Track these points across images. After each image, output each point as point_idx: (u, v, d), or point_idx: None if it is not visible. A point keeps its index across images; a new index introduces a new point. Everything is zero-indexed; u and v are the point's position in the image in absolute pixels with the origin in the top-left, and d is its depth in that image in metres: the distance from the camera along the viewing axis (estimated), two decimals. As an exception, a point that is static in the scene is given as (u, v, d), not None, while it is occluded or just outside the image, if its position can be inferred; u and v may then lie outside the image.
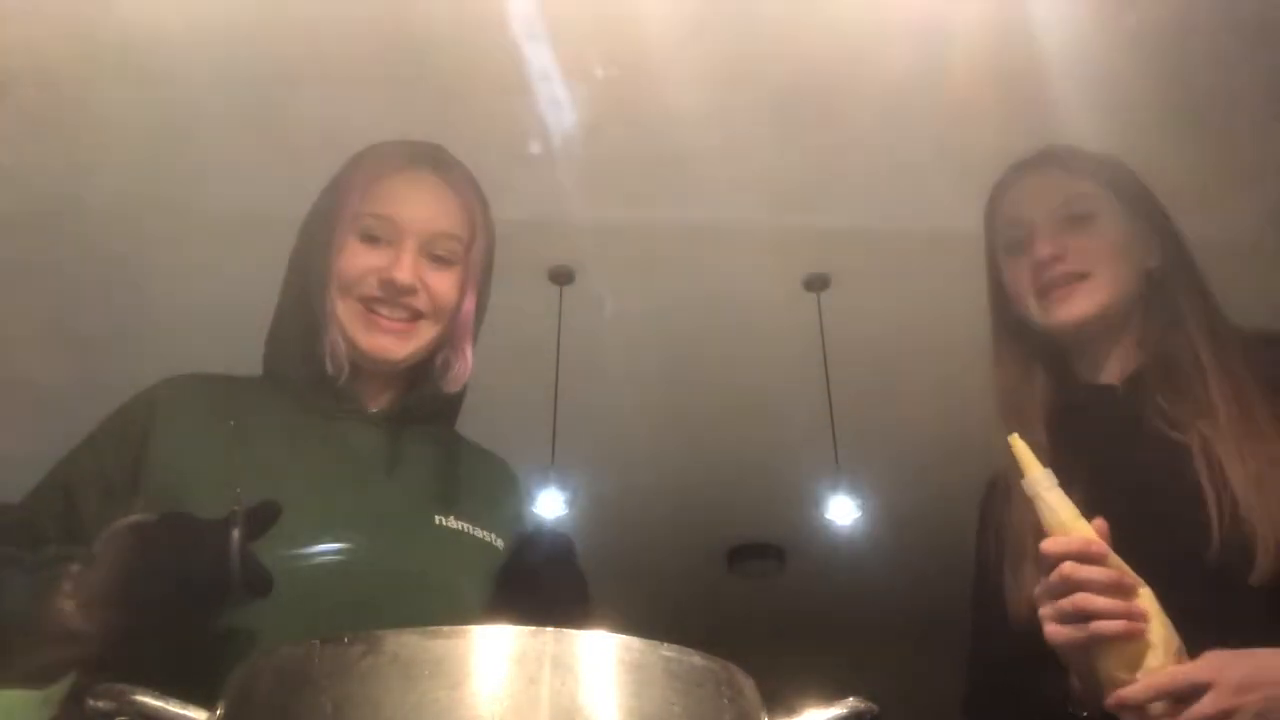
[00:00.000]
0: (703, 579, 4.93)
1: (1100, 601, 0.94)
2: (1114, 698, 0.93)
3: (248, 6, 2.38)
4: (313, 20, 2.49)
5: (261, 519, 0.93)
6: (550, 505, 3.70)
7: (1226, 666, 0.91)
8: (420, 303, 1.16)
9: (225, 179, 2.86)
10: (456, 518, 1.16)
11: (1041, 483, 1.00)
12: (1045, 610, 0.99)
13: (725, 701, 0.57)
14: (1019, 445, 1.01)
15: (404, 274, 1.15)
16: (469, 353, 1.22)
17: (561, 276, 3.39)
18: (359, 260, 1.16)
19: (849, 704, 0.66)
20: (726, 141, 2.83)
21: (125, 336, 3.26)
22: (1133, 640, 0.94)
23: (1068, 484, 1.04)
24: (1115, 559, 0.96)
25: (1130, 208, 1.25)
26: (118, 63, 2.49)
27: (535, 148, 2.80)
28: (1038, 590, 1.00)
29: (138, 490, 1.06)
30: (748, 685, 0.60)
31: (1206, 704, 0.89)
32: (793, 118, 2.76)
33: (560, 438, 3.52)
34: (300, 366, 1.15)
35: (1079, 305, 1.19)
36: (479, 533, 1.18)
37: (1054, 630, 0.98)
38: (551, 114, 2.71)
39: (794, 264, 3.31)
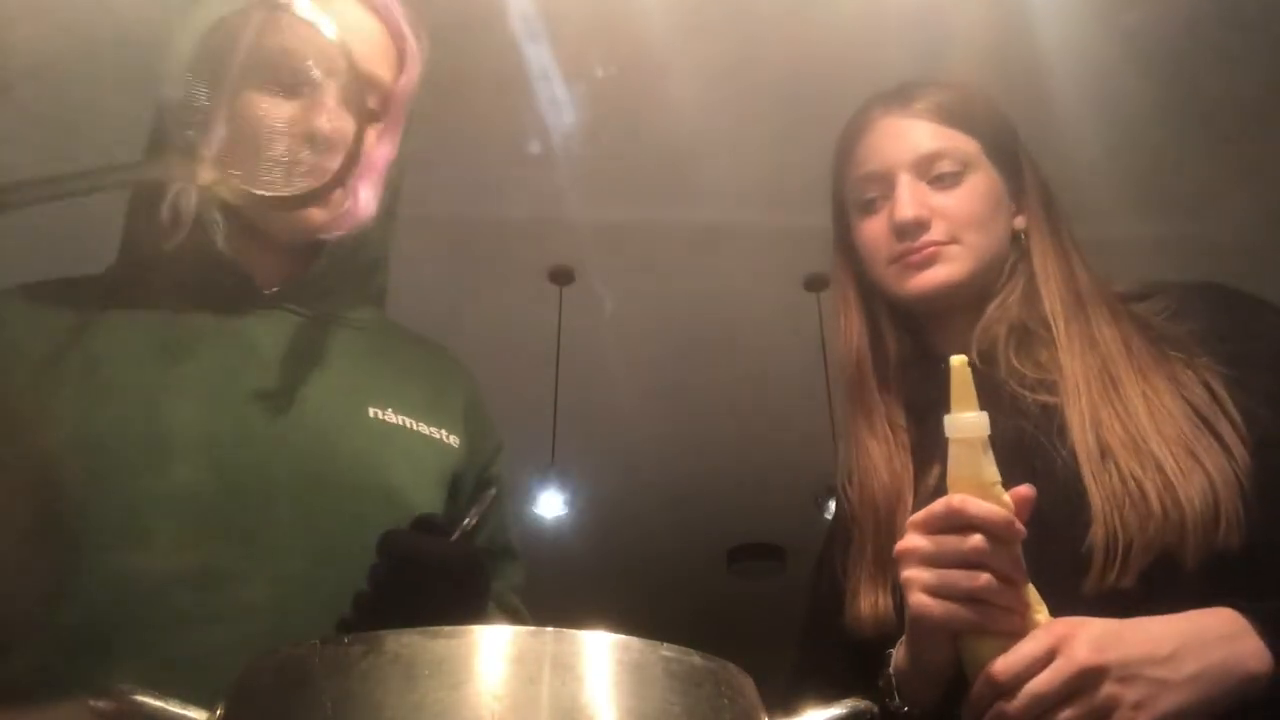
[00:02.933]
0: (703, 579, 4.93)
1: (1007, 593, 0.80)
2: (984, 675, 0.79)
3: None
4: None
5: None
6: (550, 505, 3.70)
7: (1080, 625, 0.79)
8: (335, 163, 0.91)
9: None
10: (395, 411, 0.97)
11: (976, 427, 0.81)
12: (923, 575, 0.81)
13: (725, 701, 0.56)
14: (962, 372, 0.81)
15: (325, 120, 0.90)
16: (364, 193, 0.98)
17: (561, 276, 3.39)
18: (267, 114, 0.91)
19: (849, 704, 0.66)
20: (726, 141, 2.83)
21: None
22: (1017, 638, 0.80)
23: (926, 462, 0.94)
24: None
25: (1003, 161, 1.09)
26: (117, 63, 2.49)
27: (535, 148, 2.80)
28: (913, 547, 0.82)
29: None
30: (748, 685, 0.60)
31: (1080, 653, 0.77)
32: (793, 117, 2.76)
33: (560, 438, 3.53)
34: (167, 246, 0.90)
35: (940, 273, 1.04)
36: (425, 428, 0.98)
37: (927, 603, 0.81)
38: (551, 114, 2.71)
39: (794, 264, 3.31)
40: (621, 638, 0.56)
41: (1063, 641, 0.78)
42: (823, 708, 0.65)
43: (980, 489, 0.81)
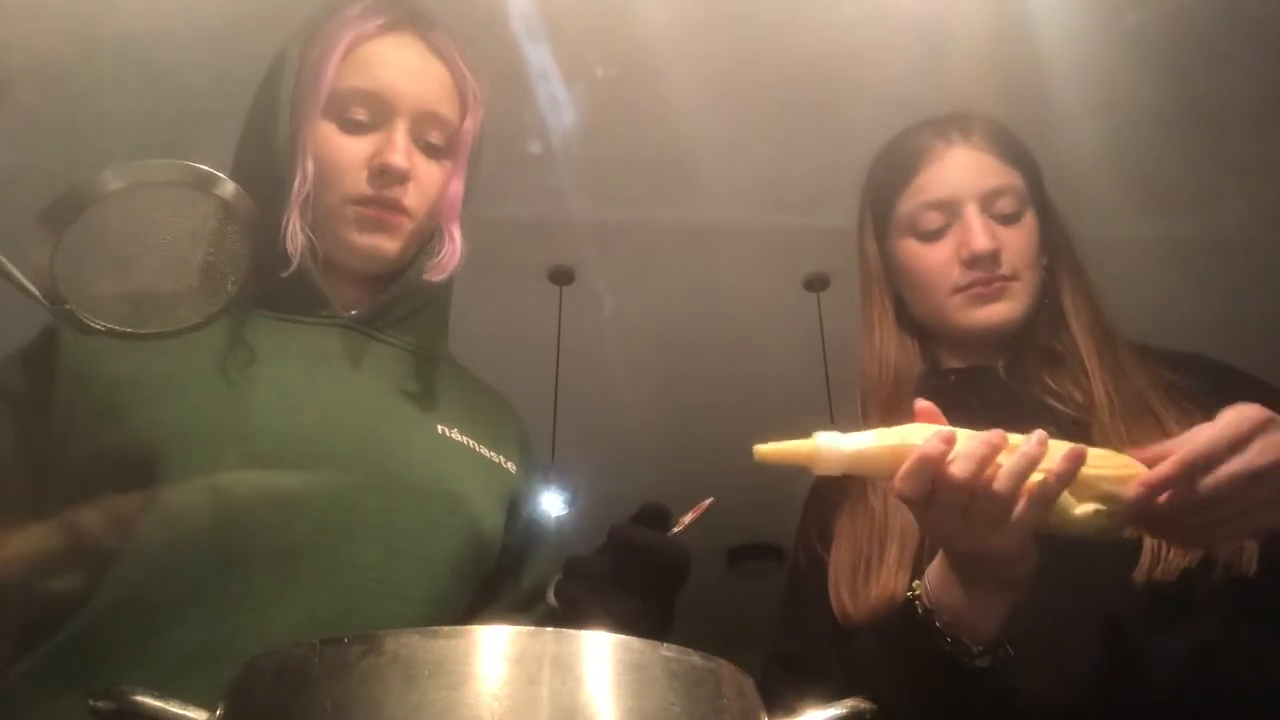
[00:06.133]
0: (702, 579, 4.92)
1: (1017, 463, 0.76)
2: (1140, 482, 0.77)
3: (248, 6, 2.38)
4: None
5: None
6: (550, 505, 3.70)
7: (1200, 428, 0.80)
8: (409, 197, 0.99)
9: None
10: (460, 433, 1.01)
11: (834, 455, 0.81)
12: (971, 514, 0.78)
13: (725, 701, 0.56)
14: (769, 452, 0.83)
15: (398, 157, 0.97)
16: (457, 235, 1.05)
17: (561, 276, 3.38)
18: (343, 153, 0.98)
19: (848, 704, 0.66)
20: (726, 141, 2.83)
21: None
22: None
23: None
24: (959, 431, 0.79)
25: (1039, 201, 1.12)
26: (118, 63, 2.48)
27: (535, 148, 2.80)
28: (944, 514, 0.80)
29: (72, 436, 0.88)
30: (748, 685, 0.60)
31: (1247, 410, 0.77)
32: (793, 117, 2.76)
33: (560, 438, 3.52)
34: (284, 275, 0.95)
35: (1004, 309, 1.06)
36: (487, 451, 1.02)
37: (1015, 519, 0.77)
38: (551, 114, 2.71)
39: (794, 264, 3.31)
40: (621, 638, 0.56)
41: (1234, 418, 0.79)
42: (822, 708, 0.65)
43: (896, 459, 0.80)
